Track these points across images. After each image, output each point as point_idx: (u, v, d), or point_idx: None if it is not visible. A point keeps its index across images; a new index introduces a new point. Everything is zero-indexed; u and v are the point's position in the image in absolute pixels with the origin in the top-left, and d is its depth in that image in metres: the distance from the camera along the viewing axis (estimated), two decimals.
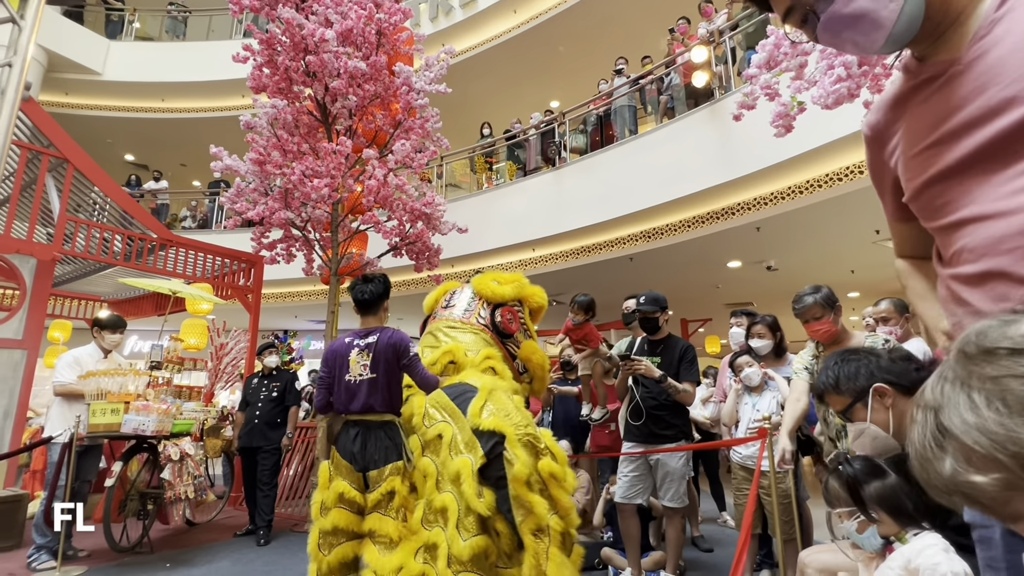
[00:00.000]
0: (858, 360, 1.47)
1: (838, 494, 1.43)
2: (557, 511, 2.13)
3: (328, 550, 2.37)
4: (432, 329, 2.93)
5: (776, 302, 9.28)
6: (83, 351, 3.93)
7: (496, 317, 2.91)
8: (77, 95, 11.36)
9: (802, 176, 5.42)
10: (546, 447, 2.21)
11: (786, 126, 2.76)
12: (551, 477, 2.14)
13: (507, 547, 2.17)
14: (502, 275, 3.12)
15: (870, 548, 1.36)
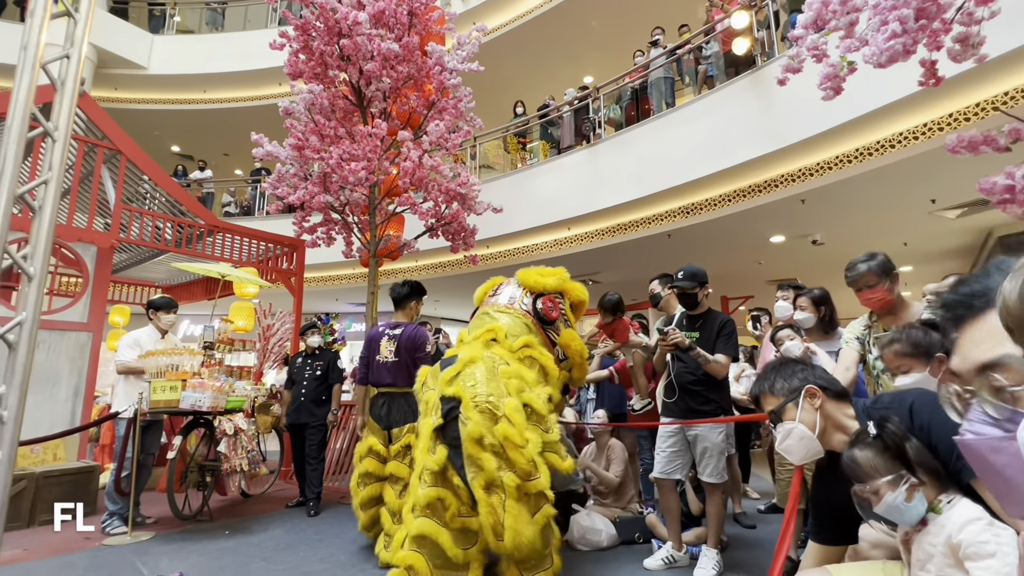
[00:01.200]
0: (795, 366, 1.62)
1: (874, 464, 1.31)
2: (514, 470, 2.38)
3: (363, 487, 3.26)
4: (480, 312, 3.21)
5: (822, 277, 8.91)
6: (142, 332, 4.15)
7: (538, 304, 3.16)
8: (125, 90, 11.81)
9: (851, 144, 5.16)
10: (504, 415, 2.46)
11: (835, 88, 2.61)
12: (506, 439, 2.40)
13: (467, 499, 2.49)
14: (545, 269, 3.36)
15: (913, 519, 1.29)
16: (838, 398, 1.55)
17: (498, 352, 2.86)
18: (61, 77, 1.88)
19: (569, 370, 3.25)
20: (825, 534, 1.64)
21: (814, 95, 2.94)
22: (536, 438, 2.51)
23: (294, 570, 3.03)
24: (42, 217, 1.80)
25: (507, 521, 2.33)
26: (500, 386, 2.58)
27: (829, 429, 1.51)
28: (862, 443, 1.36)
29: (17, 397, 1.68)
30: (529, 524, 2.36)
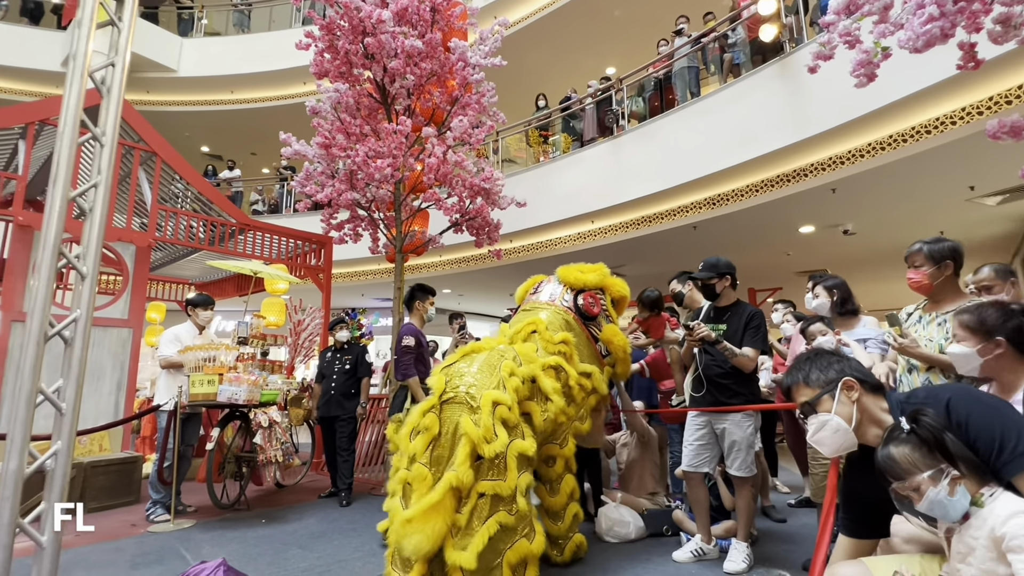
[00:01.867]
0: (831, 357, 1.60)
1: (913, 459, 1.28)
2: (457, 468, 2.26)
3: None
4: (521, 310, 3.28)
5: (853, 268, 8.76)
6: (181, 328, 4.31)
7: (579, 300, 3.20)
8: (157, 92, 12.14)
9: (884, 131, 5.03)
10: (479, 407, 2.37)
11: (868, 75, 2.55)
12: (466, 434, 2.31)
13: None
14: (586, 265, 3.40)
15: (958, 514, 1.26)
16: (874, 391, 1.53)
17: (534, 342, 2.91)
18: (107, 84, 1.96)
19: (612, 365, 3.29)
20: (856, 528, 1.62)
21: (845, 81, 2.88)
22: (504, 439, 2.33)
23: (329, 558, 3.12)
24: (93, 219, 1.88)
25: (409, 512, 2.19)
26: (492, 378, 2.52)
27: (864, 422, 1.50)
28: (897, 439, 1.34)
29: (73, 390, 1.77)
30: (428, 533, 2.13)
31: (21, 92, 11.38)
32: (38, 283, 1.71)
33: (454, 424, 2.37)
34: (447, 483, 2.22)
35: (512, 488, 2.27)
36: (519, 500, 2.29)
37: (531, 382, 2.67)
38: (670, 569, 2.92)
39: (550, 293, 3.34)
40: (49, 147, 5.11)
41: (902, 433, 1.33)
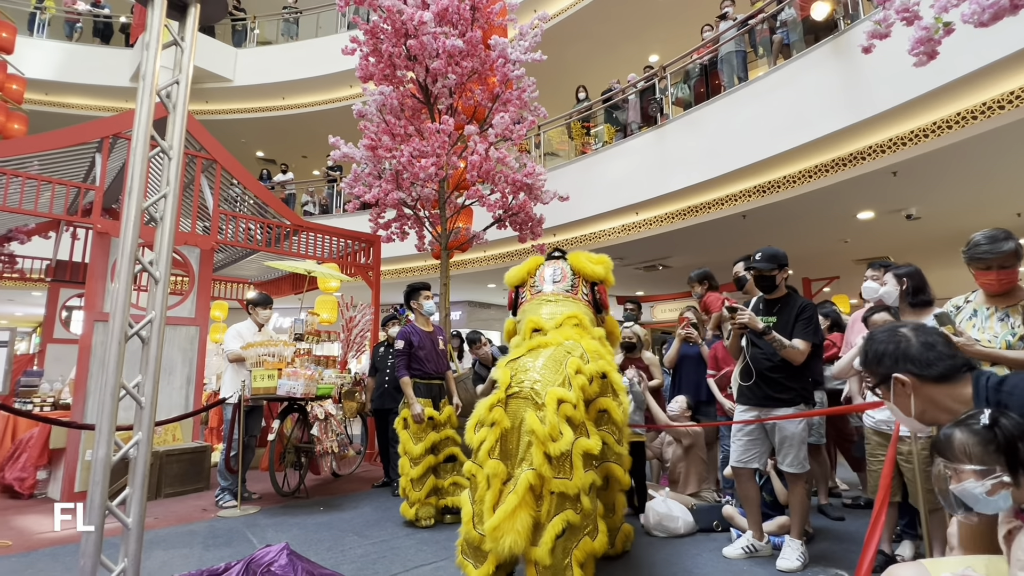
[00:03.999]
0: (886, 343, 1.49)
1: (970, 452, 1.23)
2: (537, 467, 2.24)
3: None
4: (551, 298, 3.06)
5: (918, 255, 8.27)
6: (242, 326, 4.57)
7: (596, 294, 3.15)
8: (215, 102, 12.78)
9: (950, 108, 4.72)
10: (544, 404, 2.32)
11: (929, 52, 2.41)
12: (532, 432, 2.28)
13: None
14: (591, 256, 3.23)
15: (990, 510, 1.20)
16: (940, 380, 1.42)
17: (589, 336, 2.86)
18: (173, 100, 2.11)
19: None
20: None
21: (903, 60, 2.74)
22: (570, 437, 2.29)
23: (383, 545, 3.25)
24: (163, 227, 2.03)
25: (498, 514, 2.19)
26: (557, 375, 2.46)
27: (931, 411, 1.43)
28: (967, 426, 1.27)
29: (151, 385, 1.92)
30: (518, 530, 2.16)
31: (95, 108, 12.25)
32: (118, 288, 1.86)
33: (519, 419, 2.37)
34: (526, 482, 2.22)
35: (578, 488, 2.24)
36: (583, 499, 2.27)
37: (601, 378, 2.58)
38: (720, 565, 2.89)
39: (571, 283, 3.18)
40: (121, 158, 5.49)
41: (977, 424, 1.27)
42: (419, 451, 3.73)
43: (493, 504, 2.26)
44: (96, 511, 1.71)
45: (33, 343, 12.06)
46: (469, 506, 2.41)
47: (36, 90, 11.19)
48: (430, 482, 3.71)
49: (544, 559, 2.17)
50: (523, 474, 2.23)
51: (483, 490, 2.34)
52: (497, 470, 2.32)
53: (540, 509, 2.24)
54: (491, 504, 2.27)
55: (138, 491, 1.84)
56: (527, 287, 3.22)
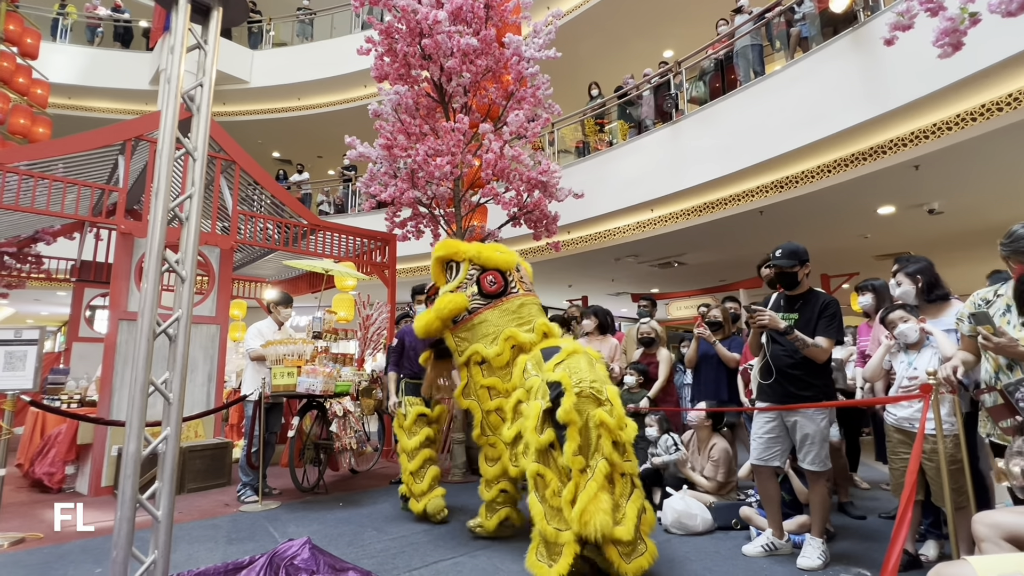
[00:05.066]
0: None
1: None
2: (603, 454, 2.47)
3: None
4: (535, 302, 3.39)
5: (941, 250, 8.13)
6: (263, 324, 4.63)
7: None
8: (232, 104, 12.96)
9: (974, 100, 4.62)
10: (608, 399, 2.59)
11: (954, 44, 2.37)
12: (601, 424, 2.51)
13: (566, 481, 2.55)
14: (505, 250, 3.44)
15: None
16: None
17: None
18: (196, 103, 2.15)
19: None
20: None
21: (927, 52, 2.69)
22: (634, 425, 2.69)
23: (402, 540, 3.29)
24: (189, 226, 2.07)
25: (580, 498, 2.40)
26: (601, 374, 2.79)
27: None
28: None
29: (178, 381, 1.97)
30: (597, 505, 2.37)
31: (117, 111, 12.49)
32: (146, 287, 1.90)
33: (586, 416, 2.56)
34: (604, 469, 2.46)
35: (636, 469, 2.63)
36: (637, 480, 2.64)
37: None
38: (740, 563, 2.87)
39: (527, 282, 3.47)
40: (143, 160, 5.59)
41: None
42: (413, 445, 3.78)
43: (572, 497, 2.44)
44: (127, 504, 1.76)
45: (59, 342, 12.36)
46: (539, 505, 2.56)
47: (60, 94, 11.45)
48: (431, 472, 3.73)
49: (627, 535, 2.40)
50: (598, 463, 2.47)
51: (556, 486, 2.53)
52: (580, 464, 2.49)
53: (614, 492, 2.49)
54: (570, 497, 2.44)
55: (167, 485, 1.89)
56: (515, 279, 3.33)
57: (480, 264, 3.28)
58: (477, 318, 3.18)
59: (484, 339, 3.14)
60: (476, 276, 3.26)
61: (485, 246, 3.38)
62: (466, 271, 3.28)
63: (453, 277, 3.33)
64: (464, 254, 3.32)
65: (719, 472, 3.65)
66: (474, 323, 3.18)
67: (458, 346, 3.23)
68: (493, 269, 3.27)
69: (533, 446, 2.60)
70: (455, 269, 3.35)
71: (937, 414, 2.18)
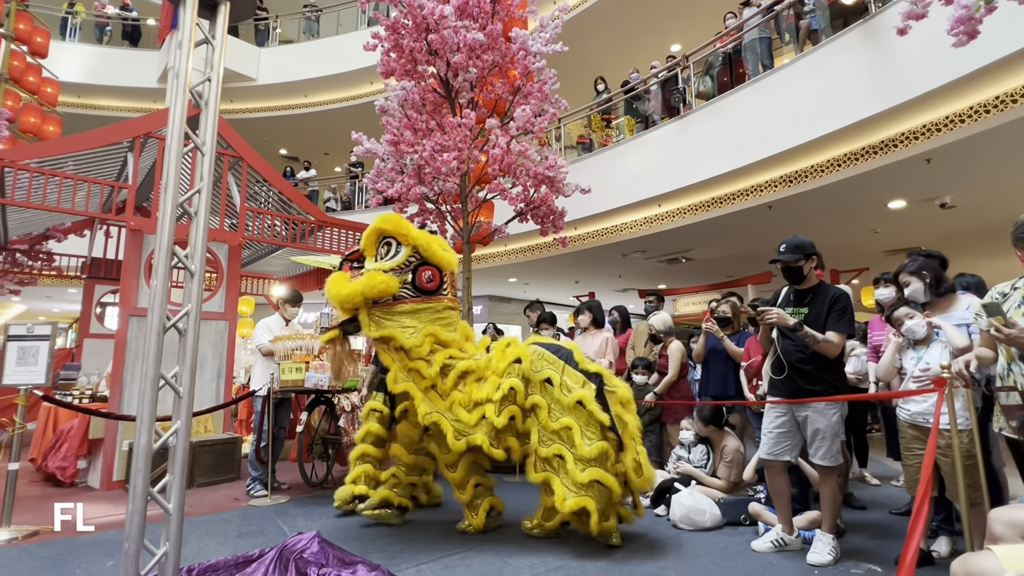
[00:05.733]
0: None
1: None
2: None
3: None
4: (458, 309, 3.43)
5: (953, 244, 8.04)
6: (271, 320, 4.66)
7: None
8: (239, 101, 13.01)
9: (988, 92, 4.55)
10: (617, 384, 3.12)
11: (969, 32, 2.33)
12: (629, 402, 3.09)
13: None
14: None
15: None
16: None
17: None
18: (205, 98, 2.15)
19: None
20: None
21: (939, 42, 2.65)
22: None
23: (410, 534, 3.29)
24: (198, 221, 2.08)
25: (641, 459, 2.95)
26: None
27: None
28: None
29: (188, 375, 1.98)
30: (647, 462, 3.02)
31: (125, 109, 12.58)
32: (156, 282, 1.91)
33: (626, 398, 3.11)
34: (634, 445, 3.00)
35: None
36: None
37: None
38: (749, 559, 2.86)
39: None
40: (151, 158, 5.62)
41: None
42: (358, 438, 3.71)
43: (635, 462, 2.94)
44: (139, 497, 1.77)
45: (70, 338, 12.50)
46: (612, 478, 2.89)
47: (69, 93, 11.53)
48: (360, 468, 3.60)
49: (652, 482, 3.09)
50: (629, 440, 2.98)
51: (615, 457, 2.94)
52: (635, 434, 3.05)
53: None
54: (633, 463, 2.94)
55: (178, 478, 1.90)
56: (448, 282, 3.30)
57: (424, 256, 3.18)
58: (400, 307, 3.10)
59: (404, 329, 3.08)
60: (415, 266, 3.16)
61: (435, 238, 3.26)
62: (406, 256, 3.15)
63: (387, 256, 3.17)
64: (411, 239, 3.18)
65: (732, 472, 3.64)
66: (396, 310, 3.10)
67: (371, 322, 3.10)
68: (435, 265, 3.20)
69: (595, 424, 2.94)
70: (393, 249, 3.18)
71: (952, 408, 2.16)
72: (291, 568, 2.29)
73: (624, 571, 2.68)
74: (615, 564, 2.77)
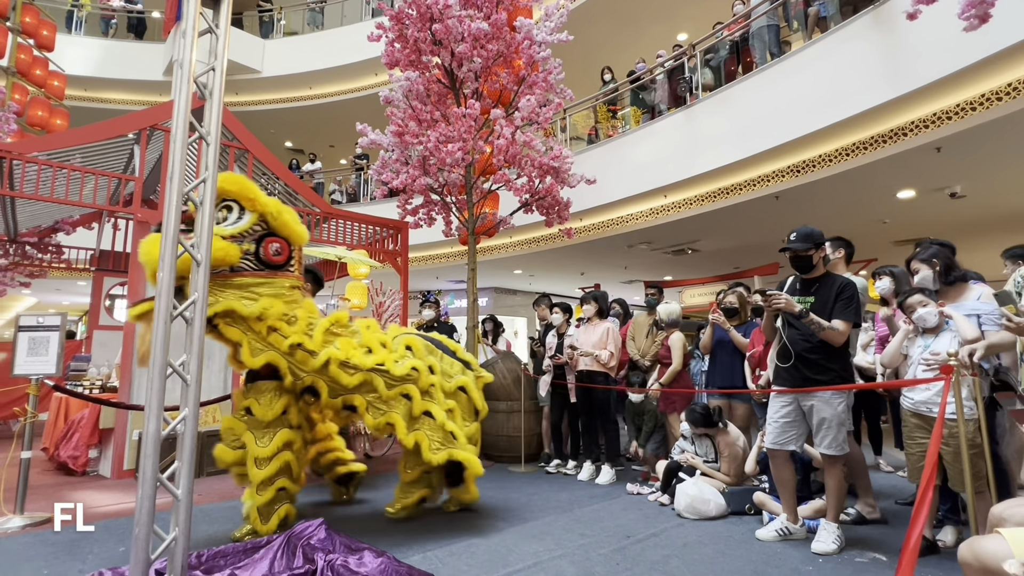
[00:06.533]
0: None
1: None
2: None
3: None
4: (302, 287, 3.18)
5: (963, 234, 7.95)
6: None
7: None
8: (244, 93, 13.02)
9: (1000, 79, 4.48)
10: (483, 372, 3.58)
11: (980, 16, 2.29)
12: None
13: None
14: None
15: None
16: None
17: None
18: (209, 88, 2.16)
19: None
20: None
21: (951, 28, 2.61)
22: None
23: (416, 522, 3.33)
24: (203, 211, 2.09)
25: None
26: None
27: None
28: None
29: (196, 364, 2.00)
30: None
31: (132, 102, 12.61)
32: (162, 271, 1.93)
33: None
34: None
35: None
36: None
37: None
38: (753, 547, 2.87)
39: None
40: (157, 150, 5.65)
41: None
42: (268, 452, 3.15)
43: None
44: (148, 483, 1.79)
45: (80, 330, 12.64)
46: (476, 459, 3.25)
47: (76, 86, 11.59)
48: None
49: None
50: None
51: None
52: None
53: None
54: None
55: (186, 465, 1.92)
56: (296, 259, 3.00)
57: (272, 226, 2.82)
58: (238, 280, 2.75)
59: (243, 301, 2.75)
60: (260, 235, 2.80)
61: (286, 208, 2.90)
62: (251, 223, 2.77)
63: (229, 222, 2.75)
64: (258, 204, 2.79)
65: (733, 467, 3.64)
66: (233, 283, 2.74)
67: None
68: (284, 237, 2.85)
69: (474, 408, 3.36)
70: (236, 214, 2.77)
71: (958, 396, 2.14)
72: (298, 554, 2.32)
73: (628, 560, 2.70)
74: (619, 552, 2.79)
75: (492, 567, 2.60)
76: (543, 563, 2.65)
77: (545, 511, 3.54)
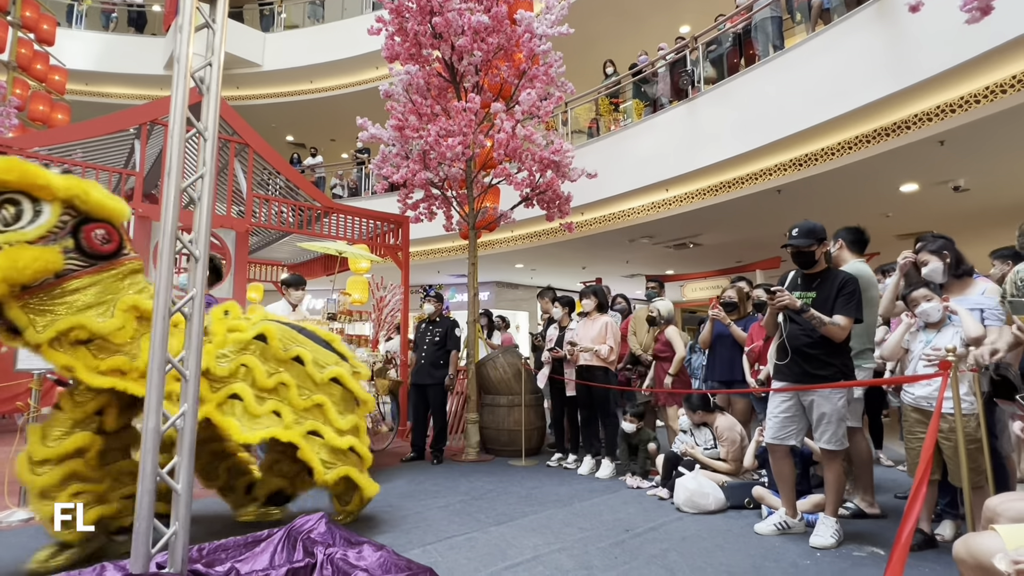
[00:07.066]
0: None
1: None
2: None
3: None
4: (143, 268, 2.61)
5: (966, 228, 7.91)
6: (277, 306, 4.70)
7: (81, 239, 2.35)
8: (245, 87, 12.99)
9: (1003, 72, 4.45)
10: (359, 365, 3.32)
11: (983, 8, 2.27)
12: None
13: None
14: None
15: None
16: None
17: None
18: (206, 83, 2.15)
19: None
20: None
21: (953, 20, 2.58)
22: None
23: (416, 516, 3.34)
24: (201, 206, 2.09)
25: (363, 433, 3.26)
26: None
27: None
28: None
29: (195, 358, 2.01)
30: None
31: (132, 96, 12.60)
32: (160, 266, 1.93)
33: None
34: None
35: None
36: None
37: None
38: (752, 541, 2.88)
39: None
40: (158, 145, 5.65)
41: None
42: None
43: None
44: (148, 477, 1.80)
45: None
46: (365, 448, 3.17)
47: (76, 80, 11.57)
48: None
49: None
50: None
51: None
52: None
53: None
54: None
55: (186, 459, 1.94)
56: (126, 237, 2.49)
57: (84, 210, 2.27)
58: (72, 284, 2.25)
59: (87, 312, 2.27)
60: (74, 224, 2.26)
61: (89, 182, 2.31)
62: (56, 216, 2.20)
63: (22, 222, 2.15)
64: (54, 190, 2.18)
65: (731, 451, 3.64)
66: (65, 290, 2.24)
67: (34, 317, 2.17)
68: (104, 220, 2.34)
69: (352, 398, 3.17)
70: (28, 209, 2.17)
71: (956, 392, 2.14)
72: (299, 547, 2.33)
73: (627, 553, 2.71)
74: (617, 546, 2.80)
75: (491, 560, 2.62)
76: (542, 556, 2.66)
77: (545, 505, 3.56)
